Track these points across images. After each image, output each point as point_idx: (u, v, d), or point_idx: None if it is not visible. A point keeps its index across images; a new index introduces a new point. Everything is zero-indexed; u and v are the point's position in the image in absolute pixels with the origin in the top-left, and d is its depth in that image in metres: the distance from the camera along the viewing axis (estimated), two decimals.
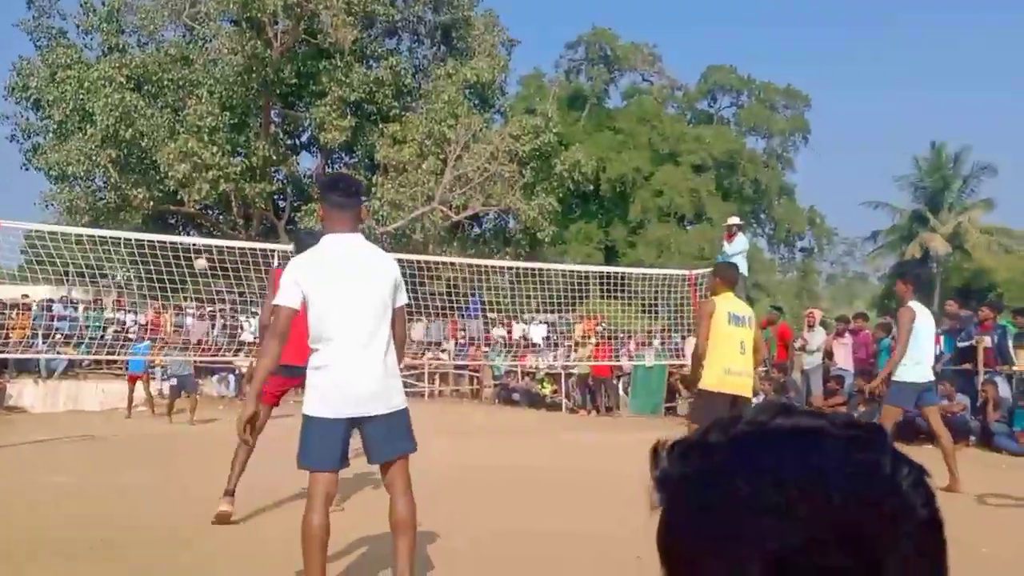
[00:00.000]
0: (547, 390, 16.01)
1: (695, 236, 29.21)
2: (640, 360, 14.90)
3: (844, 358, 11.89)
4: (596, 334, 15.35)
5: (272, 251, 10.35)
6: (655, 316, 14.85)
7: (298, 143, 26.07)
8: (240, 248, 10.72)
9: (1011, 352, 10.22)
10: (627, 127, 31.68)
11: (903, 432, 6.75)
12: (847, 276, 46.16)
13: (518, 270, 14.27)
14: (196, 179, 19.50)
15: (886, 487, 0.55)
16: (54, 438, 9.70)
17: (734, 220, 12.70)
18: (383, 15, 23.33)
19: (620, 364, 14.94)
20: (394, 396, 3.28)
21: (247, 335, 14.27)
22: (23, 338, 12.31)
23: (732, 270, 6.17)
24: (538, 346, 16.67)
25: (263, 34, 20.50)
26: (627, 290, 14.69)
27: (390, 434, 3.26)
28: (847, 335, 12.15)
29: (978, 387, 9.97)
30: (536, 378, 16.46)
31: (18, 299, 14.04)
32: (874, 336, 12.04)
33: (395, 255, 3.67)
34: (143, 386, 13.30)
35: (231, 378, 16.47)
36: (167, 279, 10.72)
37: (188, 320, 14.96)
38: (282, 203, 24.63)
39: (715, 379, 5.53)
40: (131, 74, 20.57)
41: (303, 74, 22.24)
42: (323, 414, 3.18)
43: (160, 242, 10.53)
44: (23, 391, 14.48)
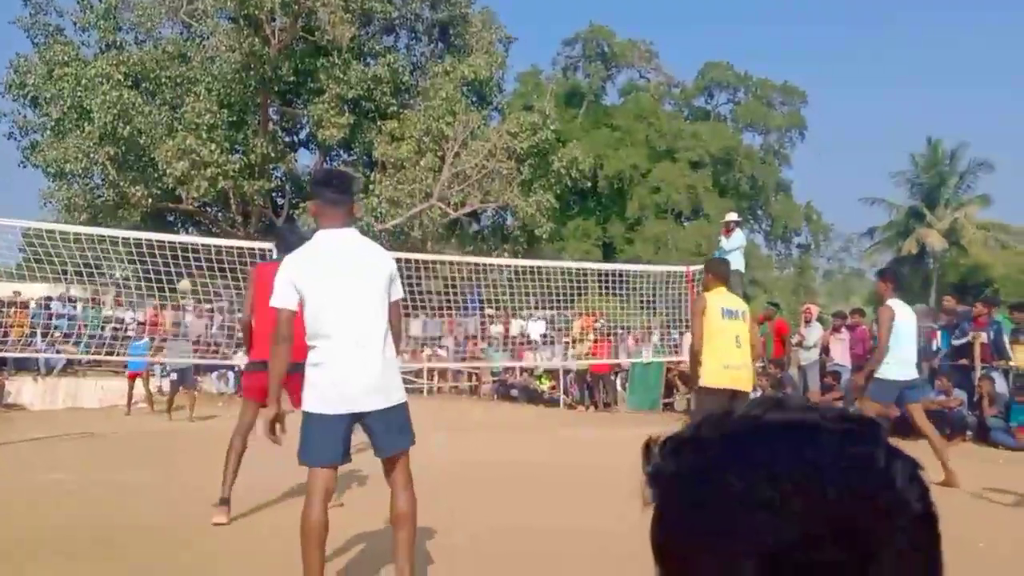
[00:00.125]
0: (545, 386, 16.04)
1: (692, 232, 29.25)
2: (638, 356, 14.94)
3: (841, 354, 11.93)
4: (594, 330, 15.37)
5: (271, 249, 10.34)
6: (653, 312, 14.88)
7: (296, 140, 26.04)
8: (239, 246, 10.73)
9: (1007, 347, 10.26)
10: (624, 124, 31.69)
11: (899, 427, 6.78)
12: (844, 272, 46.13)
13: (516, 267, 14.29)
14: (194, 177, 19.47)
15: (880, 481, 0.55)
16: (53, 435, 9.70)
17: (732, 216, 12.73)
18: (380, 12, 23.28)
19: (618, 360, 14.97)
20: (393, 391, 3.29)
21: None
22: (21, 336, 12.32)
23: (723, 265, 6.20)
24: (536, 343, 16.69)
25: (261, 31, 20.46)
26: (625, 286, 14.71)
27: (389, 429, 3.27)
28: (844, 331, 12.18)
29: (975, 382, 10.00)
30: (534, 374, 16.49)
31: (13, 297, 14.04)
32: (871, 332, 12.07)
33: (393, 253, 3.68)
34: (143, 383, 13.32)
35: (230, 375, 16.47)
36: (165, 277, 10.74)
37: (188, 317, 14.96)
38: (281, 200, 24.60)
39: (713, 375, 5.55)
40: (129, 71, 20.52)
41: (301, 71, 22.20)
42: (322, 410, 3.19)
43: (159, 240, 10.54)
44: (22, 388, 14.49)
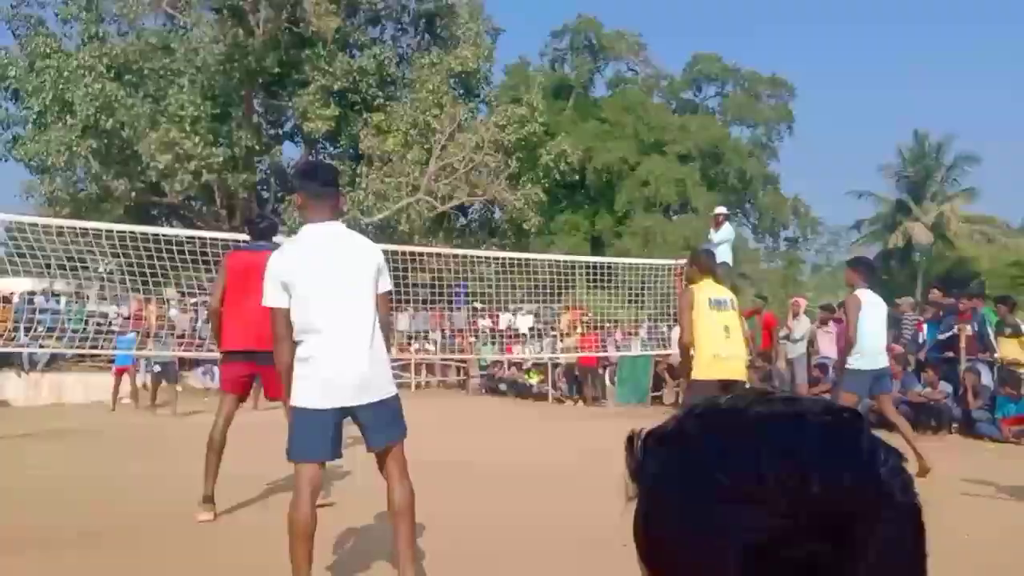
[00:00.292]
0: (534, 380, 16.03)
1: (681, 226, 29.27)
2: (626, 350, 14.95)
3: (828, 347, 11.98)
4: (582, 324, 15.38)
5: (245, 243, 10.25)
6: (641, 306, 14.89)
7: (281, 133, 25.82)
8: (223, 238, 10.62)
9: (992, 340, 10.33)
10: (612, 117, 31.67)
11: (882, 419, 6.82)
12: (832, 265, 46.40)
13: (504, 260, 14.26)
14: (178, 170, 19.31)
15: (864, 473, 0.54)
16: (38, 431, 9.62)
17: (721, 209, 12.74)
18: (366, 3, 23.15)
19: (607, 354, 14.98)
20: (383, 384, 3.26)
21: None
22: (4, 331, 12.19)
23: (709, 257, 6.18)
24: (525, 336, 16.69)
25: (245, 22, 20.29)
26: (613, 280, 14.71)
27: (381, 422, 3.25)
28: (831, 324, 12.23)
29: (960, 375, 10.07)
30: (523, 369, 16.48)
31: None
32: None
33: (380, 246, 3.64)
34: (129, 379, 13.23)
35: (215, 370, 16.38)
36: (149, 271, 10.64)
37: (172, 312, 14.85)
38: (266, 193, 24.43)
39: (705, 367, 5.55)
40: (111, 63, 20.30)
41: (286, 63, 22.02)
42: (310, 405, 3.16)
43: (143, 233, 10.45)
44: (5, 384, 14.36)
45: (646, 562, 0.59)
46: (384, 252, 3.58)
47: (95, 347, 11.64)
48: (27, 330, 12.96)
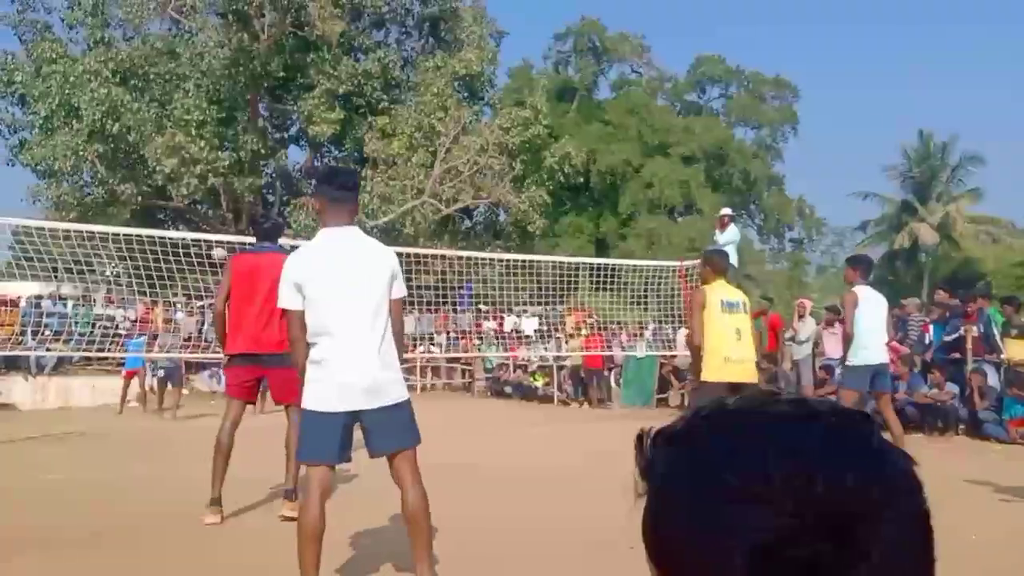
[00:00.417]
0: (539, 382, 16.02)
1: (685, 228, 29.23)
2: (631, 351, 14.94)
3: (833, 348, 11.94)
4: (587, 326, 15.36)
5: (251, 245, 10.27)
6: (646, 307, 14.88)
7: (287, 136, 25.90)
8: (229, 243, 10.66)
9: (998, 341, 10.29)
10: (616, 119, 31.64)
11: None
12: (837, 266, 46.27)
13: (509, 262, 14.26)
14: (184, 173, 19.37)
15: (871, 474, 0.54)
16: (45, 435, 9.65)
17: (726, 211, 12.74)
18: (370, 7, 23.19)
19: (612, 356, 14.97)
20: (392, 389, 3.26)
21: None
22: (11, 335, 12.24)
23: (722, 258, 6.17)
24: (530, 338, 16.68)
25: (250, 27, 20.35)
26: (618, 282, 14.70)
27: (390, 428, 3.25)
28: (837, 325, 12.18)
29: (967, 376, 10.04)
30: (528, 371, 16.47)
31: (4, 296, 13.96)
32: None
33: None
34: (139, 382, 13.27)
35: (221, 373, 16.41)
36: (155, 275, 10.67)
37: (178, 315, 14.89)
38: (271, 197, 24.49)
39: (714, 369, 5.54)
40: (117, 68, 20.39)
41: (291, 67, 22.09)
42: (320, 408, 3.19)
43: (149, 237, 10.48)
44: (13, 387, 14.41)
45: (654, 561, 0.59)
46: None
47: (102, 350, 11.67)
48: (34, 334, 13.04)
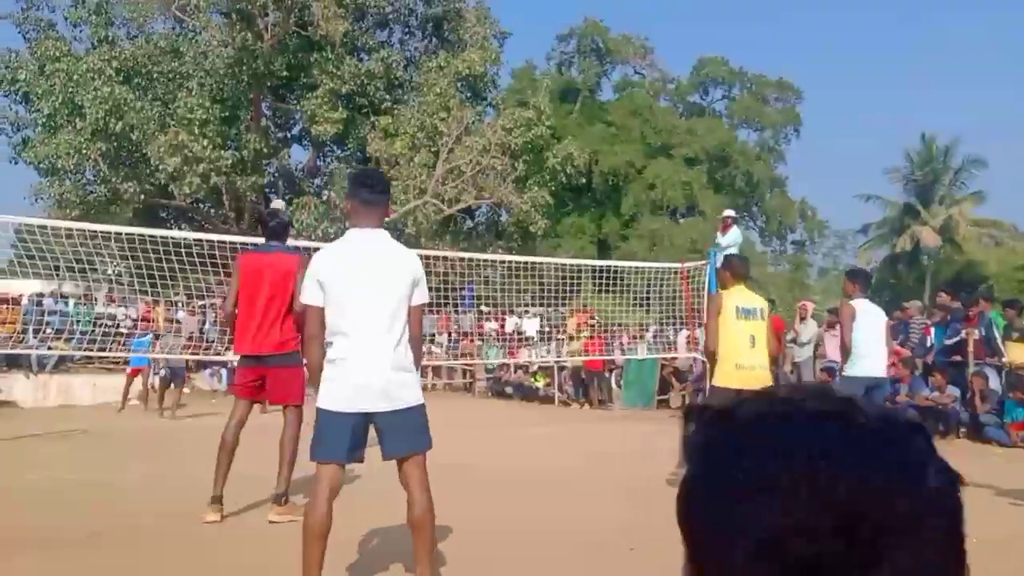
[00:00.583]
0: (540, 383, 16.02)
1: (687, 229, 29.22)
2: (633, 353, 14.93)
3: (835, 350, 11.92)
4: (589, 327, 15.35)
5: (255, 245, 10.27)
6: (648, 309, 14.86)
7: (289, 136, 25.95)
8: (231, 242, 10.65)
9: (999, 344, 10.28)
10: (619, 120, 31.63)
11: None
12: (839, 269, 46.22)
13: (511, 264, 14.26)
14: (187, 172, 19.40)
15: (903, 485, 0.54)
16: (46, 433, 9.65)
17: (729, 212, 12.73)
18: (374, 7, 23.23)
19: (613, 357, 14.95)
20: (406, 393, 3.28)
21: None
22: (13, 332, 12.25)
23: (743, 263, 6.17)
24: (532, 339, 16.66)
25: (253, 26, 20.38)
26: (620, 283, 14.69)
27: (403, 431, 3.26)
28: (837, 327, 12.16)
29: (968, 379, 10.02)
30: (529, 371, 16.46)
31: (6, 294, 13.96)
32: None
33: None
34: (142, 380, 13.26)
35: (223, 372, 16.45)
36: (158, 273, 10.68)
37: (180, 314, 14.90)
38: (273, 196, 24.51)
39: (724, 375, 5.55)
40: (121, 67, 20.43)
41: (294, 66, 22.12)
42: (333, 407, 3.21)
43: (151, 236, 10.48)
44: (14, 385, 14.42)
45: (682, 533, 0.61)
46: None
47: (103, 349, 11.68)
48: (36, 332, 13.04)
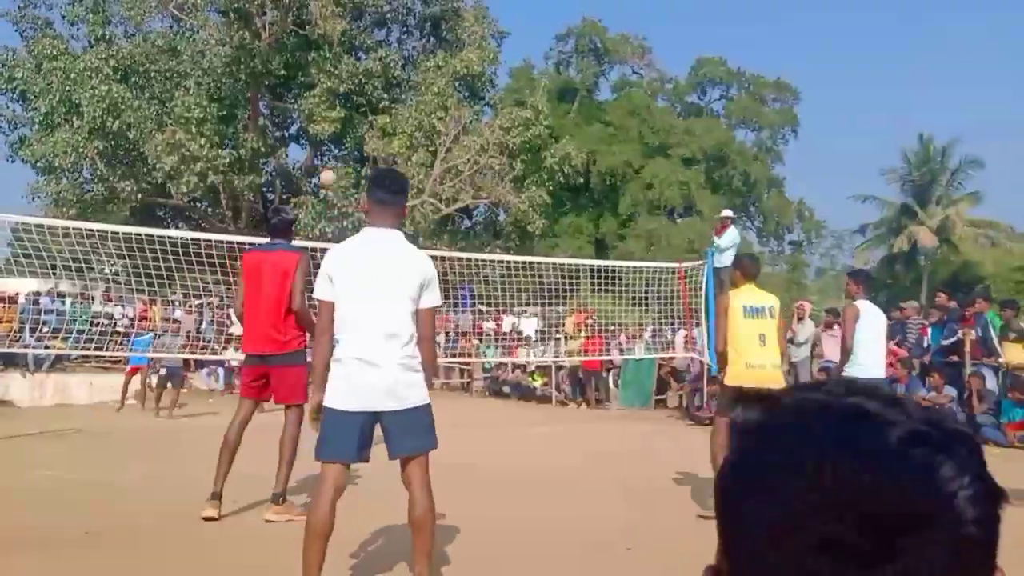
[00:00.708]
0: (537, 383, 16.02)
1: (685, 229, 29.25)
2: (631, 353, 14.93)
3: (832, 350, 11.94)
4: (587, 327, 15.35)
5: (258, 244, 10.26)
6: (645, 309, 14.85)
7: (287, 135, 25.90)
8: (228, 241, 10.63)
9: (996, 345, 10.30)
10: (617, 120, 31.64)
11: None
12: (836, 269, 46.33)
13: (509, 263, 14.25)
14: (184, 171, 19.35)
15: (930, 488, 0.53)
16: (43, 432, 9.63)
17: (727, 213, 12.73)
18: (372, 6, 23.19)
19: (611, 357, 14.96)
20: (411, 393, 3.28)
21: (236, 328, 14.19)
22: (10, 331, 12.22)
23: (753, 262, 6.17)
24: (530, 339, 16.66)
25: (251, 25, 20.34)
26: (618, 283, 14.68)
27: (409, 430, 3.28)
28: (835, 327, 12.19)
29: (965, 379, 10.05)
30: (527, 371, 16.46)
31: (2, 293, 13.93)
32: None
33: None
34: (140, 379, 13.24)
35: (220, 371, 16.43)
36: (155, 272, 10.66)
37: (177, 313, 14.88)
38: (271, 195, 24.48)
39: (735, 374, 5.58)
40: (118, 65, 20.38)
41: (291, 65, 22.08)
42: (338, 406, 3.23)
43: (148, 235, 10.46)
44: (10, 385, 14.38)
45: (715, 507, 0.62)
46: None
47: (100, 348, 11.65)
48: (32, 331, 13.02)
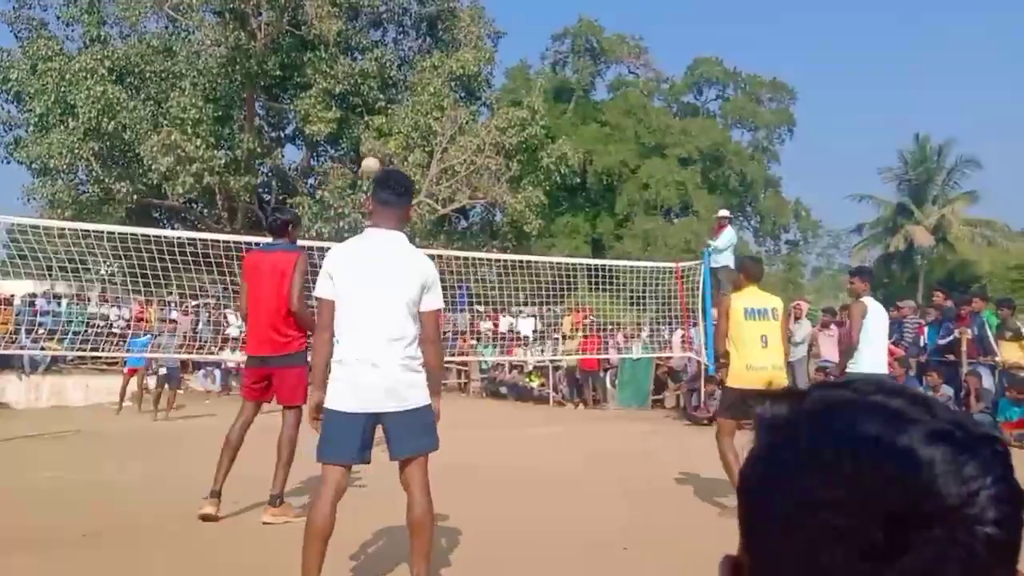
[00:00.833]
0: (535, 383, 16.01)
1: (681, 229, 29.25)
2: (628, 353, 14.93)
3: (829, 349, 11.97)
4: (584, 327, 15.35)
5: (257, 244, 10.24)
6: (642, 309, 14.85)
7: (283, 136, 25.87)
8: (224, 241, 10.61)
9: (992, 343, 10.32)
10: (613, 120, 31.64)
11: None
12: (832, 268, 46.48)
13: (505, 263, 14.25)
14: (179, 172, 19.31)
15: (950, 486, 0.52)
16: (40, 434, 9.61)
17: (724, 213, 12.74)
18: (368, 6, 23.18)
19: (608, 357, 14.95)
20: (411, 394, 3.28)
21: (233, 329, 14.18)
22: (5, 333, 12.17)
23: (755, 264, 6.17)
24: (527, 339, 16.66)
25: (247, 25, 20.31)
26: (614, 283, 14.68)
27: (410, 431, 3.27)
28: (832, 327, 12.22)
29: (962, 378, 10.06)
30: (524, 371, 16.45)
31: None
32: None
33: None
34: (137, 380, 13.21)
35: (217, 373, 16.40)
36: (151, 273, 10.63)
37: (173, 314, 14.85)
38: (267, 196, 24.46)
39: (736, 376, 5.58)
40: (113, 66, 20.35)
41: (287, 66, 22.06)
42: (339, 407, 3.22)
43: (144, 236, 10.44)
44: (6, 386, 14.34)
45: (738, 504, 0.63)
46: None
47: (96, 349, 11.62)
48: (28, 332, 12.97)
